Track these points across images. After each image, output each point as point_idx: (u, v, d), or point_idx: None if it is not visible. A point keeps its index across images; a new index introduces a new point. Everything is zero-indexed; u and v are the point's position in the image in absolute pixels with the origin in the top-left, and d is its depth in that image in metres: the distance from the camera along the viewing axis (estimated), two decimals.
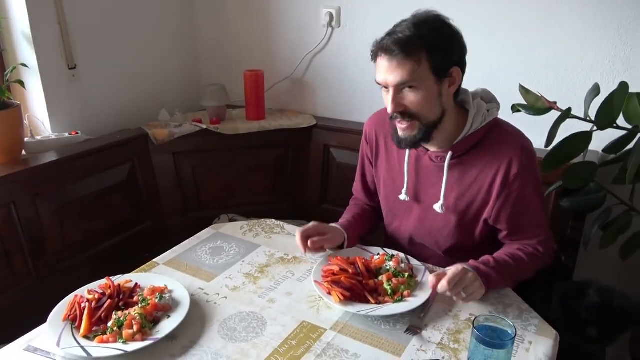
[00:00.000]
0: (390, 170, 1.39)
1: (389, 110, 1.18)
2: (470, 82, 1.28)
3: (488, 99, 1.27)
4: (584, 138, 1.35)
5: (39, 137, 1.79)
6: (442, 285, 1.08)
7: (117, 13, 2.02)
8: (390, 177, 1.40)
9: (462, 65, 1.20)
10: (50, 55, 1.80)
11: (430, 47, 1.13)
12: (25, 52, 1.76)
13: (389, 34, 1.16)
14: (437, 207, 1.29)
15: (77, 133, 1.85)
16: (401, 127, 1.21)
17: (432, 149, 1.28)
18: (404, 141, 1.23)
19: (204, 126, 2.04)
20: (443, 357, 0.98)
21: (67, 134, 1.84)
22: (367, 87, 2.09)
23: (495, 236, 1.32)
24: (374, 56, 1.20)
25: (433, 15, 1.17)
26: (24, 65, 1.74)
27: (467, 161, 1.26)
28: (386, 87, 1.18)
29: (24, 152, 1.72)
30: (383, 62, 1.16)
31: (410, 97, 1.16)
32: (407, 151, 1.32)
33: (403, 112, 1.17)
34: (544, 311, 1.13)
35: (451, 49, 1.17)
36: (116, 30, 2.03)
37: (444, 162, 1.26)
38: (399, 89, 1.15)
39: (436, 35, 1.15)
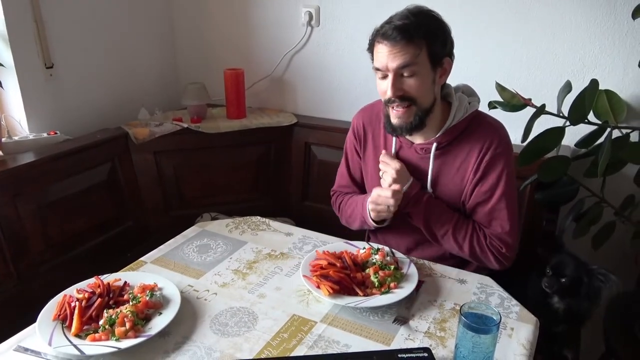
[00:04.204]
0: (378, 163, 1.42)
1: (389, 93, 1.20)
2: (449, 79, 1.32)
3: (469, 93, 1.33)
4: (557, 133, 1.40)
5: (16, 138, 1.76)
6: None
7: (94, 11, 2.00)
8: (378, 170, 1.42)
9: (452, 57, 1.26)
10: (27, 54, 1.77)
11: (429, 35, 1.18)
12: (1, 50, 1.73)
13: (388, 22, 1.19)
14: None
15: (55, 133, 1.82)
16: (397, 113, 1.23)
17: (417, 141, 1.32)
18: (399, 128, 1.25)
19: (185, 125, 2.03)
20: (430, 345, 1.02)
21: (45, 134, 1.81)
22: (346, 85, 2.12)
23: None
24: (372, 44, 1.23)
25: (426, 8, 1.22)
26: (0, 64, 1.71)
27: (451, 151, 1.31)
28: (384, 74, 1.21)
29: (1, 153, 1.69)
30: (384, 48, 1.18)
31: (410, 81, 1.20)
32: (394, 144, 1.35)
33: (401, 96, 1.21)
34: (523, 299, 1.18)
35: (446, 39, 1.23)
36: (94, 29, 2.01)
37: (429, 153, 1.30)
38: (398, 73, 1.19)
39: (433, 24, 1.21)
